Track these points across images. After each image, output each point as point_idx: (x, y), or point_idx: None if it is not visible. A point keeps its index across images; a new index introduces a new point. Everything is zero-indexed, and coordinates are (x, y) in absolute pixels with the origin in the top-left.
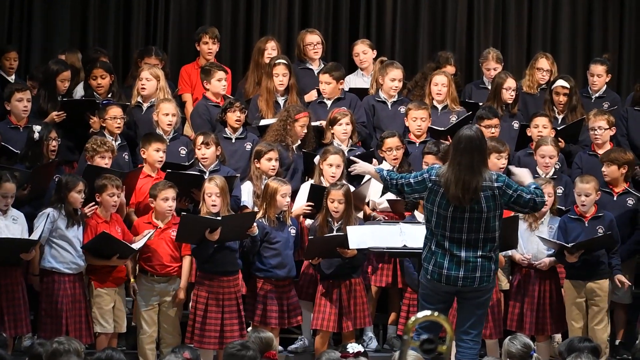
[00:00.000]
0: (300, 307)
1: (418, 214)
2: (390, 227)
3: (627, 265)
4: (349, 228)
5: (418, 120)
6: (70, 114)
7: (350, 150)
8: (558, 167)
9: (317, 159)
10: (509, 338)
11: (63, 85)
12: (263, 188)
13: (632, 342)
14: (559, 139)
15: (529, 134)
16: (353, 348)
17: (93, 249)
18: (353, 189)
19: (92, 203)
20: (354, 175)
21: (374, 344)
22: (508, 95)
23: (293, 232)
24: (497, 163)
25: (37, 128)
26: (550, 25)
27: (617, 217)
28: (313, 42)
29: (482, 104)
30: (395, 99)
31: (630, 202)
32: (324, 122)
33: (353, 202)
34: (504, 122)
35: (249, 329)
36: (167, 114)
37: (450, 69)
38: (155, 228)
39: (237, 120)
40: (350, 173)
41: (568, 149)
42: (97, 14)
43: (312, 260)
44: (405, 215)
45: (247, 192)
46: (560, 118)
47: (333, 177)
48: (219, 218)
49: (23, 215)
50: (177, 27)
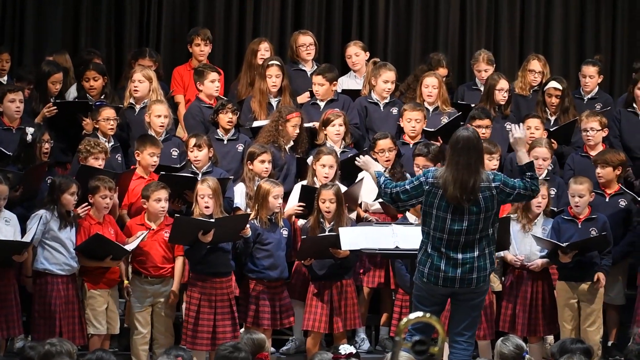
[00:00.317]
0: (293, 308)
1: (410, 215)
2: (383, 228)
3: (620, 267)
4: (342, 229)
5: (413, 122)
6: (63, 115)
7: (343, 152)
8: (551, 168)
9: (310, 160)
10: (502, 339)
11: (54, 87)
12: (255, 189)
13: (624, 343)
14: (552, 141)
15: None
16: (345, 349)
17: (86, 251)
18: (345, 190)
19: (84, 204)
20: (347, 177)
21: (366, 345)
22: (501, 97)
23: (285, 233)
24: (488, 164)
25: (29, 130)
26: (543, 27)
27: (609, 218)
28: (306, 43)
29: (473, 105)
30: (388, 101)
31: (623, 203)
32: (317, 123)
33: (345, 203)
34: (497, 123)
35: (242, 330)
36: (159, 116)
37: (442, 71)
38: (148, 229)
39: (229, 122)
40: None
41: (560, 151)
42: (89, 16)
43: (304, 261)
44: (398, 217)
45: (240, 193)
46: (553, 119)
47: (326, 177)
48: (212, 220)
49: (16, 217)
50: (169, 28)
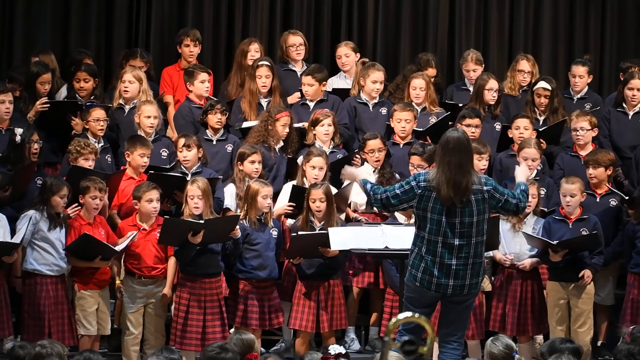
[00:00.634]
0: (282, 308)
1: (399, 216)
2: (372, 228)
3: (610, 267)
4: (331, 229)
5: (403, 122)
6: (53, 115)
7: (332, 152)
8: (540, 168)
9: (300, 160)
10: (491, 339)
11: (43, 88)
12: (245, 189)
13: (614, 343)
14: (541, 141)
15: (510, 136)
16: (334, 349)
17: (75, 251)
18: (336, 190)
19: (75, 204)
20: (337, 178)
21: (356, 346)
22: (490, 97)
23: (275, 233)
24: (478, 164)
25: (19, 130)
26: (532, 27)
27: (601, 218)
28: (296, 43)
29: (461, 105)
30: (377, 101)
31: (613, 203)
32: (307, 123)
33: (336, 203)
34: (486, 123)
35: (232, 331)
36: (148, 116)
37: (431, 71)
38: (139, 229)
39: (217, 122)
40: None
41: (549, 151)
42: (78, 16)
43: (293, 260)
44: (387, 217)
45: (230, 194)
46: (542, 119)
47: (315, 178)
48: (202, 221)
49: (5, 218)
50: (158, 29)
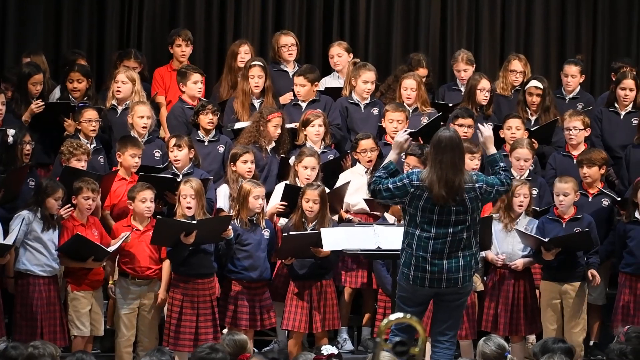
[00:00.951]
0: (275, 309)
1: (388, 216)
2: (364, 228)
3: (601, 266)
4: (323, 230)
5: (395, 122)
6: (46, 117)
7: (323, 153)
8: (532, 168)
9: (292, 160)
10: (484, 339)
11: (35, 89)
12: (237, 190)
13: (606, 343)
14: (533, 141)
15: (502, 136)
16: (327, 350)
17: (68, 251)
18: (329, 190)
19: (67, 205)
20: (330, 178)
21: (349, 346)
22: (482, 97)
23: (267, 234)
24: (470, 164)
25: (11, 132)
26: (524, 27)
27: (593, 218)
28: (287, 43)
29: (451, 105)
30: (368, 101)
31: (605, 202)
32: (298, 124)
33: (330, 203)
34: (478, 123)
35: (224, 331)
36: (142, 117)
37: (423, 72)
38: (132, 230)
39: (209, 123)
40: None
41: (541, 150)
42: (70, 17)
43: (284, 260)
44: (379, 217)
45: (223, 195)
46: (534, 119)
47: (308, 179)
48: (194, 222)
49: None
50: (150, 29)
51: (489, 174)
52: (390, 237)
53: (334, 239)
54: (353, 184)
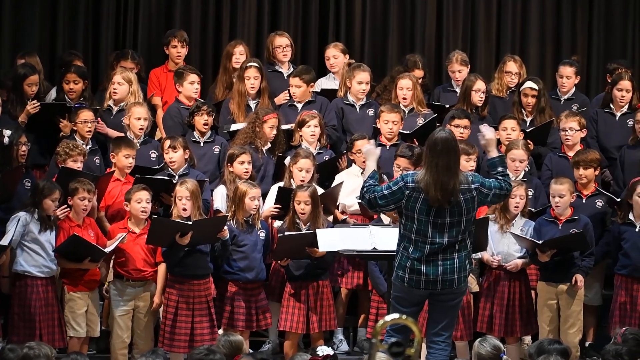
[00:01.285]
0: (270, 309)
1: (384, 217)
2: (360, 229)
3: (597, 268)
4: (319, 231)
5: (390, 123)
6: (42, 117)
7: (319, 154)
8: (527, 169)
9: (287, 160)
10: (479, 340)
11: (30, 90)
12: (233, 191)
13: (601, 344)
14: (528, 142)
15: (497, 137)
16: (323, 351)
17: (64, 252)
18: (323, 191)
19: (63, 206)
20: (325, 179)
21: (345, 347)
22: (477, 98)
23: (262, 235)
24: (466, 165)
25: (7, 132)
26: (519, 28)
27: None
28: (282, 44)
29: (448, 106)
30: (364, 102)
31: (600, 204)
32: (295, 124)
33: (324, 204)
34: (474, 124)
35: (220, 331)
36: (139, 118)
37: (419, 73)
38: (128, 231)
39: (204, 124)
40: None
41: (537, 151)
42: (66, 18)
43: (280, 261)
44: (374, 218)
45: (220, 195)
46: (529, 120)
47: (302, 181)
48: (190, 222)
49: None
50: (146, 30)
51: (487, 177)
52: (386, 238)
53: (330, 240)
54: (348, 185)
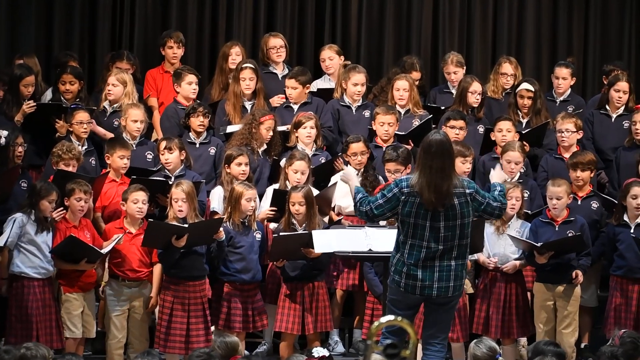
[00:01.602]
0: (266, 311)
1: None
2: (356, 230)
3: (592, 269)
4: (315, 232)
5: (385, 125)
6: (38, 118)
7: (315, 155)
8: (523, 170)
9: (283, 162)
10: (475, 341)
11: (27, 90)
12: (229, 192)
13: (597, 345)
14: (524, 143)
15: (493, 138)
16: (318, 352)
17: (61, 253)
18: (318, 193)
19: (60, 208)
20: (321, 181)
21: (340, 348)
22: (473, 99)
23: (258, 236)
24: (462, 167)
25: (3, 133)
26: (515, 30)
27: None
28: (276, 45)
29: (443, 108)
30: (360, 104)
31: (595, 205)
32: (290, 126)
33: (319, 205)
34: (470, 126)
35: (212, 329)
36: (135, 120)
37: (416, 74)
38: (124, 232)
39: (200, 125)
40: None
41: (533, 153)
42: (62, 19)
43: (276, 262)
44: None
45: (217, 197)
46: (525, 122)
47: (297, 182)
48: (185, 225)
49: None
50: (142, 31)
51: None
52: (382, 239)
53: (326, 241)
54: (344, 187)
